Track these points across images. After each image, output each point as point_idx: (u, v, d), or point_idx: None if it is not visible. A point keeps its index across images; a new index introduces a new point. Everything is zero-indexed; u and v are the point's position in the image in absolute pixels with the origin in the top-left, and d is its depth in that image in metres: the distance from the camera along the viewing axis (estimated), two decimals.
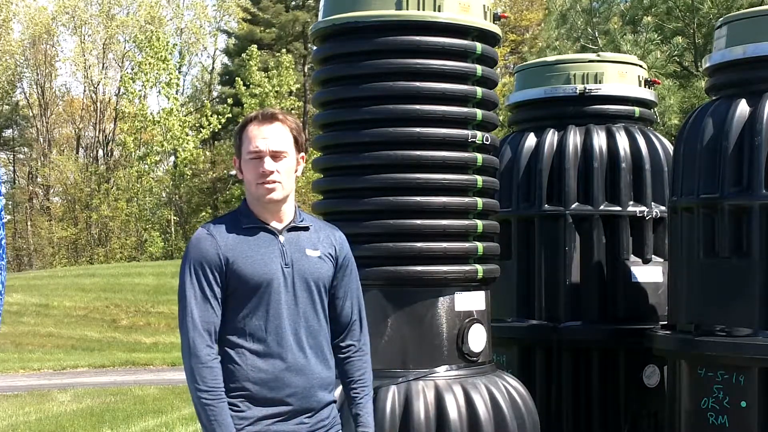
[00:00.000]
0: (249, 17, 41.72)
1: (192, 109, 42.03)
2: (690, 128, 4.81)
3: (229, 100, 35.96)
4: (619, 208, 5.46)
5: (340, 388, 4.13)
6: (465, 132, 4.31)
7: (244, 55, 35.58)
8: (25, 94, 47.19)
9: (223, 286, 2.87)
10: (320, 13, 4.53)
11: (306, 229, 3.01)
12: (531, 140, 5.68)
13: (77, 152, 46.24)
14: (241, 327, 2.87)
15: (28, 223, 43.09)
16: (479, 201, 4.36)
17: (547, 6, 17.33)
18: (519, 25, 39.35)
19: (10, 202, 43.13)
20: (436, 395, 4.15)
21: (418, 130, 4.22)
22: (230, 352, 2.86)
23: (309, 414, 2.91)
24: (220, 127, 35.93)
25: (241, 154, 2.96)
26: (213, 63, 47.70)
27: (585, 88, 5.57)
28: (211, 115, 36.15)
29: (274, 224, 2.96)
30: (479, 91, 4.36)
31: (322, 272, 2.98)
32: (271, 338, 2.87)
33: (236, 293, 2.87)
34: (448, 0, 4.27)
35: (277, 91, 34.53)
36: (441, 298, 4.26)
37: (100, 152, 46.14)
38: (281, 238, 2.94)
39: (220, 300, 2.86)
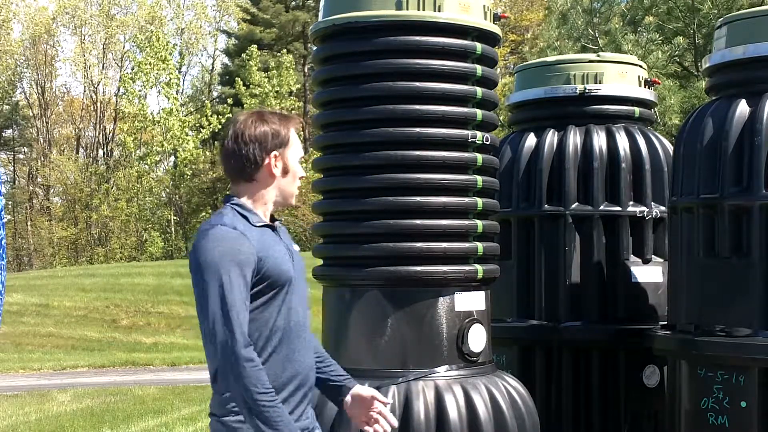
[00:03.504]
0: (249, 17, 41.73)
1: (192, 109, 42.03)
2: (690, 128, 4.81)
3: (229, 100, 36.00)
4: (619, 208, 5.46)
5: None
6: (465, 132, 4.31)
7: (244, 55, 35.63)
8: (25, 94, 47.22)
9: (251, 285, 2.80)
10: (320, 13, 4.53)
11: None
12: (531, 140, 5.68)
13: (77, 152, 46.24)
14: (264, 325, 2.80)
15: (28, 223, 43.07)
16: (479, 201, 4.36)
17: (547, 6, 17.33)
18: (519, 25, 39.35)
19: (10, 202, 43.11)
20: (436, 395, 4.14)
21: (418, 130, 4.21)
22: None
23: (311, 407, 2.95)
24: (220, 127, 35.90)
25: (286, 150, 2.93)
26: (213, 63, 47.76)
27: (585, 88, 5.57)
28: (211, 115, 36.17)
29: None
30: (479, 91, 4.35)
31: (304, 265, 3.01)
32: (293, 335, 2.84)
33: (262, 291, 2.81)
34: (448, 0, 4.27)
35: (277, 92, 34.56)
36: (441, 298, 4.25)
37: (100, 152, 46.17)
38: (281, 235, 2.94)
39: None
